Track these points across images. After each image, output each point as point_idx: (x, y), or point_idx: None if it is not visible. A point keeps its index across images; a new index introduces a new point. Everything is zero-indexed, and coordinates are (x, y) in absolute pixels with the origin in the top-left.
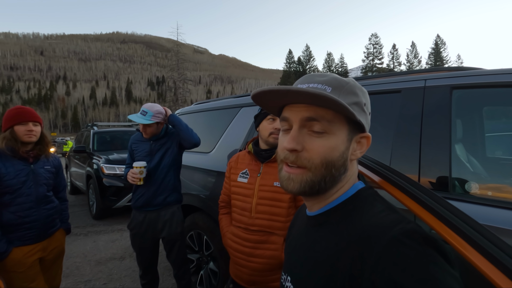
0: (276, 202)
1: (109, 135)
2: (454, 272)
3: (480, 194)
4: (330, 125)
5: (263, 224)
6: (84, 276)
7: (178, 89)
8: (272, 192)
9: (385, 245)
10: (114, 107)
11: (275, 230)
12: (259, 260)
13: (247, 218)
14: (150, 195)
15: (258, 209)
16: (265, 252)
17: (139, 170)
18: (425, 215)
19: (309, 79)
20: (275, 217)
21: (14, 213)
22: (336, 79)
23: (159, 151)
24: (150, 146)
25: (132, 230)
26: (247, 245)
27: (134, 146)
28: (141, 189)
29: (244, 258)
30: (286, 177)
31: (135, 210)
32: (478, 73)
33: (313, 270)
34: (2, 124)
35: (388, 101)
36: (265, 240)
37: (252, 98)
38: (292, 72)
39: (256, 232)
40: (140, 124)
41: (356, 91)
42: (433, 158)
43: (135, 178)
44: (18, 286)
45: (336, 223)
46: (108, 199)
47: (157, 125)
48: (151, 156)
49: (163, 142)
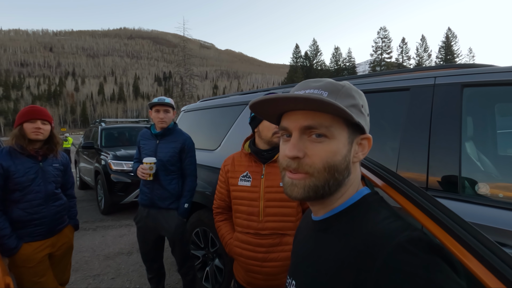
0: (285, 203)
1: (117, 131)
2: (460, 281)
3: (491, 195)
4: (330, 129)
5: (275, 226)
6: (93, 271)
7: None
8: (280, 193)
9: (390, 252)
10: (121, 103)
11: (287, 230)
12: (274, 264)
13: (256, 223)
14: (155, 197)
15: (267, 211)
16: (280, 255)
17: (149, 166)
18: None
19: (305, 85)
20: (286, 217)
21: (24, 210)
22: (332, 83)
23: (164, 149)
24: (155, 145)
25: (137, 223)
26: (260, 251)
27: (142, 143)
28: (148, 189)
29: (258, 265)
30: (290, 183)
31: (140, 205)
32: (489, 71)
33: (318, 276)
34: (15, 121)
35: (397, 99)
36: (278, 243)
37: (250, 108)
38: (299, 67)
39: (268, 236)
40: (157, 119)
41: (352, 93)
42: (442, 158)
43: (144, 173)
44: (28, 281)
45: (342, 229)
46: (116, 194)
47: (173, 111)
48: (155, 155)
49: (169, 139)
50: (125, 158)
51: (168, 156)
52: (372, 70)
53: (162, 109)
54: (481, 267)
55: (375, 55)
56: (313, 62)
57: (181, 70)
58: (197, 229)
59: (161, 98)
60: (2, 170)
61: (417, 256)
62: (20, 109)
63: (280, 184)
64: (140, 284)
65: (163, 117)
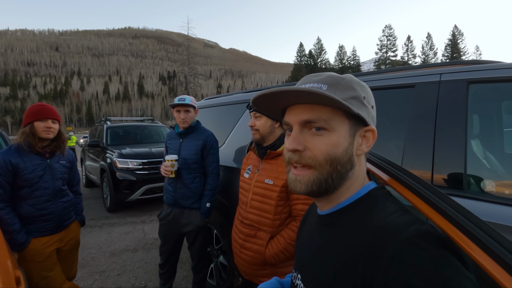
0: (266, 199)
1: (122, 130)
2: (470, 275)
3: (496, 192)
4: (329, 122)
5: (253, 219)
6: (99, 267)
7: (189, 83)
8: (263, 189)
9: (398, 246)
10: (126, 102)
11: (263, 226)
12: (247, 253)
13: (243, 212)
14: (178, 196)
15: (251, 204)
16: (252, 246)
17: (171, 163)
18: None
19: (306, 80)
20: (264, 213)
21: (32, 206)
22: (332, 76)
23: (187, 148)
24: (179, 144)
25: (160, 220)
26: (240, 237)
27: (169, 142)
28: (172, 187)
29: (238, 248)
30: (293, 179)
31: (165, 203)
32: (496, 67)
33: (324, 270)
34: (23, 119)
35: (401, 96)
36: (253, 235)
37: (253, 104)
38: (303, 65)
39: (247, 226)
40: (178, 119)
41: (353, 85)
42: (447, 155)
43: (167, 171)
44: (37, 275)
45: (348, 223)
46: (121, 192)
47: (193, 111)
48: (179, 153)
49: (192, 138)
50: (130, 156)
51: (190, 154)
52: (376, 68)
53: (182, 109)
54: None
55: (380, 53)
56: (317, 61)
57: (186, 69)
58: None
59: (181, 98)
60: (11, 167)
61: (425, 250)
62: (26, 108)
63: (265, 180)
64: (145, 280)
65: (184, 117)
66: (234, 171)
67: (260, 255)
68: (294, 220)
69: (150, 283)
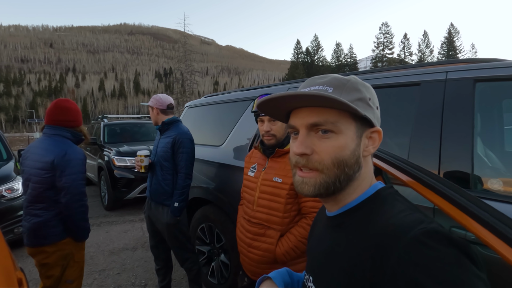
0: (275, 197)
1: (119, 127)
2: (480, 274)
3: (504, 191)
4: (336, 125)
5: (262, 217)
6: (98, 266)
7: (186, 80)
8: (272, 187)
9: (406, 245)
10: (122, 99)
11: (272, 224)
12: (256, 252)
13: (250, 211)
14: (152, 191)
15: (259, 202)
16: (261, 245)
17: (140, 158)
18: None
19: (311, 82)
20: (273, 211)
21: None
22: (337, 78)
23: (160, 145)
24: (158, 141)
25: (144, 213)
26: (248, 236)
27: (156, 139)
28: (149, 182)
29: (245, 248)
30: (300, 181)
31: (147, 197)
32: (503, 65)
33: (334, 271)
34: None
35: (407, 94)
36: (262, 233)
37: (258, 108)
38: (300, 63)
39: (255, 225)
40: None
41: (358, 87)
42: (453, 154)
43: (137, 165)
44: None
45: (356, 224)
46: (119, 190)
47: (152, 110)
48: (156, 148)
49: (166, 135)
50: (128, 154)
51: (162, 152)
52: (373, 66)
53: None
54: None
55: (376, 51)
56: (314, 58)
57: (182, 66)
58: (202, 224)
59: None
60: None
61: (433, 249)
62: (20, 105)
63: (274, 178)
64: (145, 279)
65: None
66: (236, 170)
67: (270, 254)
68: (304, 218)
69: (150, 281)
